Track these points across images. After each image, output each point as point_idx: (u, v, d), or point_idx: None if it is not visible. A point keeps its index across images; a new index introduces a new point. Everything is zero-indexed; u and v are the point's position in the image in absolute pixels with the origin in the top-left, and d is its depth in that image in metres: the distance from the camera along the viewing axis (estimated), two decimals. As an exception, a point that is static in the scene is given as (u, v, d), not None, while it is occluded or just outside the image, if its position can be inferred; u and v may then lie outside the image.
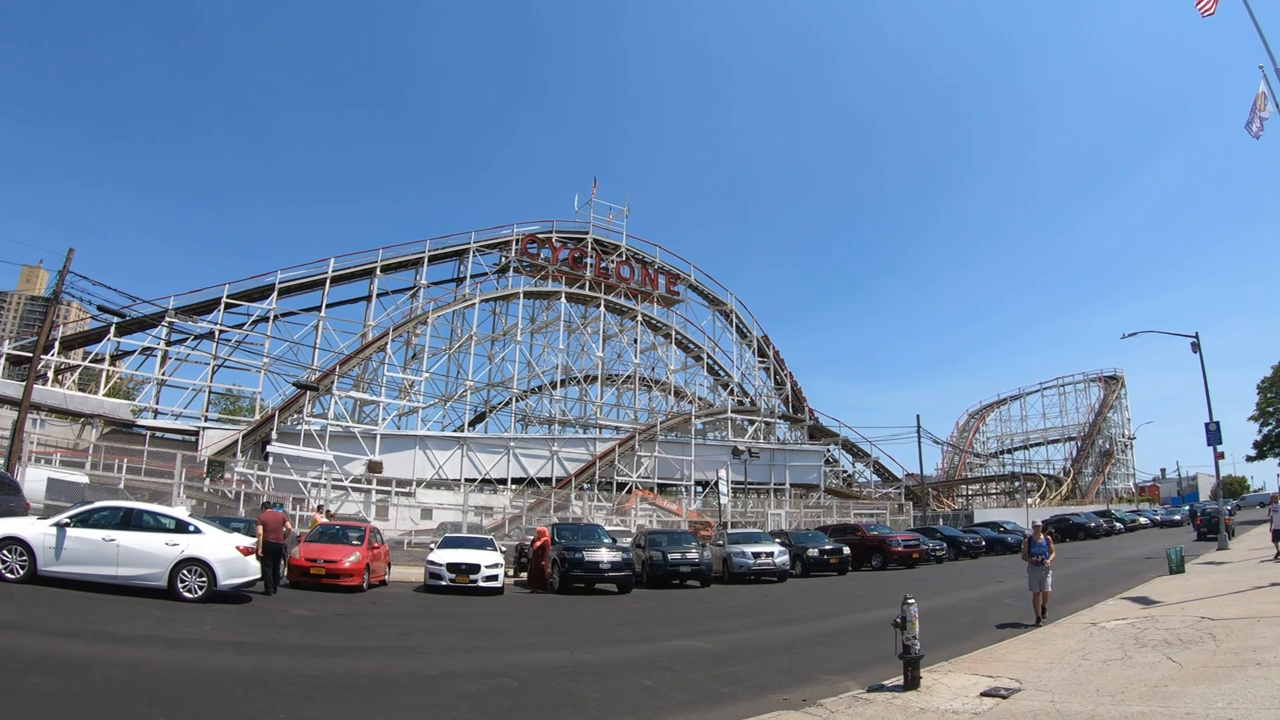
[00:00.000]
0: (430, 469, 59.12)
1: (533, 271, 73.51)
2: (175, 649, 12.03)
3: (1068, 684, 10.40)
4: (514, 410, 72.55)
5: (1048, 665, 11.79)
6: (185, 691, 9.33)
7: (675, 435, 68.43)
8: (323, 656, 12.99)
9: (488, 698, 10.02)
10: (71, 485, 28.40)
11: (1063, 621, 16.60)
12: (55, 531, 16.54)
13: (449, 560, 24.69)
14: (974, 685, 10.61)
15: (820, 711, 9.53)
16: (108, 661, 10.45)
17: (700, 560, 29.35)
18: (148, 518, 17.75)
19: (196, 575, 17.02)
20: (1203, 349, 36.34)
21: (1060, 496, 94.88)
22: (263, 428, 53.02)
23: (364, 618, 18.02)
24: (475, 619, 19.35)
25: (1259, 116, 24.99)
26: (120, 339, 54.90)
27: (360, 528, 26.28)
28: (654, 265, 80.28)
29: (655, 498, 62.71)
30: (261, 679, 10.50)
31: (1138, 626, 14.81)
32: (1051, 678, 10.87)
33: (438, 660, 12.92)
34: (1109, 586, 22.72)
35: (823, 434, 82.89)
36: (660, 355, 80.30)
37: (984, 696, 9.96)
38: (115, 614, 14.43)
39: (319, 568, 22.32)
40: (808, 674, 12.09)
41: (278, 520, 21.77)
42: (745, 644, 15.59)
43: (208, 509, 37.13)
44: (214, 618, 15.33)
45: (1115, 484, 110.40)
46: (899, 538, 38.72)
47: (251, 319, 59.97)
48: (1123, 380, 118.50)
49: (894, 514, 65.95)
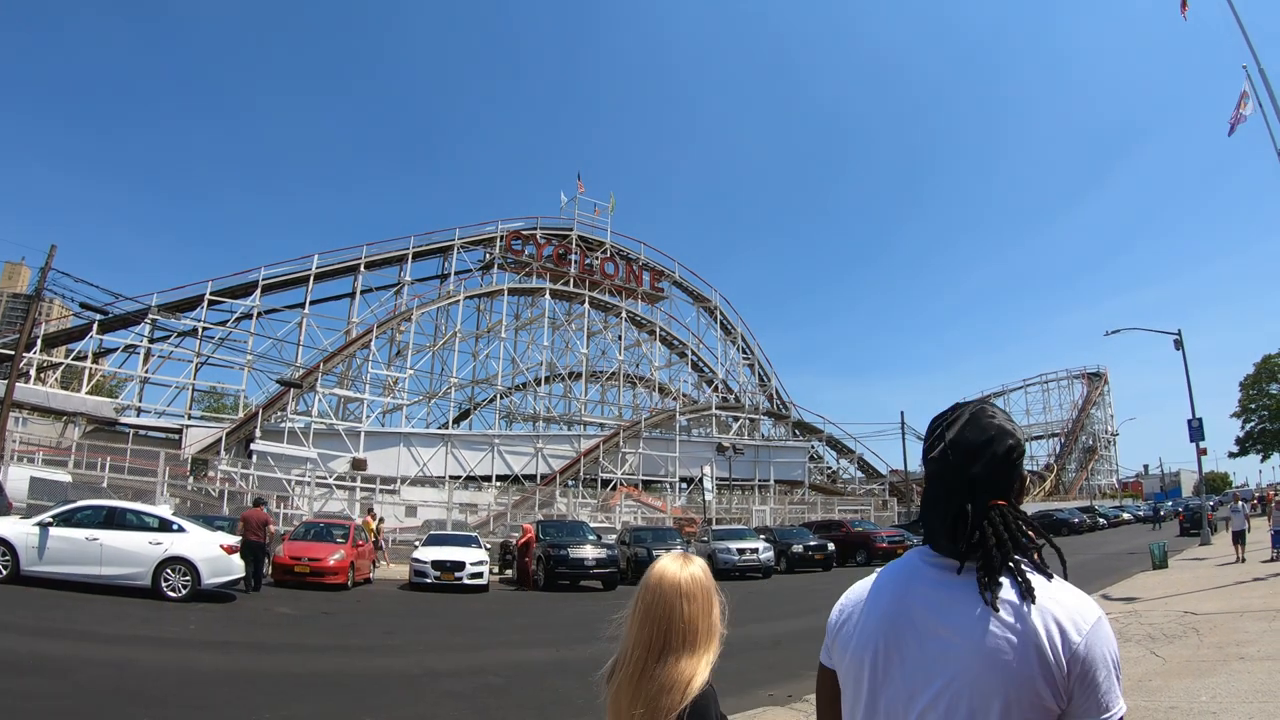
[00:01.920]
0: (415, 466, 58.91)
1: (517, 268, 73.22)
2: (160, 648, 12.01)
3: (1052, 678, 10.44)
4: (499, 407, 72.34)
5: (1031, 660, 11.83)
6: (171, 691, 9.32)
7: (660, 432, 68.39)
8: (308, 655, 12.98)
9: (473, 696, 10.04)
10: (54, 484, 28.21)
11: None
12: (38, 531, 16.48)
13: (434, 558, 24.67)
14: (958, 680, 10.64)
15: (805, 707, 9.57)
16: (93, 661, 10.43)
17: (686, 557, 29.34)
18: (131, 517, 17.70)
19: (180, 574, 16.97)
20: (1185, 346, 36.65)
21: (1044, 493, 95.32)
22: (246, 425, 52.73)
23: (349, 616, 18.01)
24: (461, 617, 19.36)
25: (1241, 115, 25.16)
26: (103, 336, 54.40)
27: (344, 526, 26.25)
28: (638, 262, 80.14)
29: (640, 494, 62.63)
30: (247, 678, 10.49)
31: (1121, 621, 14.91)
32: (1035, 672, 10.90)
33: (423, 658, 12.92)
34: (1093, 582, 22.82)
35: (807, 430, 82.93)
36: (645, 352, 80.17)
37: (968, 691, 9.99)
38: (99, 614, 14.38)
39: (303, 566, 22.27)
40: (793, 670, 12.11)
41: (259, 519, 21.69)
42: (730, 640, 15.37)
43: (191, 508, 36.89)
44: (198, 617, 15.30)
45: (1099, 480, 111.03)
46: (883, 533, 38.87)
47: (235, 316, 59.53)
48: (1106, 377, 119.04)
49: (878, 510, 66.03)
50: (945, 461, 1.96)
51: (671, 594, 2.56)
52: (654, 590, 2.57)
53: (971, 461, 1.93)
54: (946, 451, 1.96)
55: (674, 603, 2.54)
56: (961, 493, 1.91)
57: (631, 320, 77.88)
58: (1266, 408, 79.42)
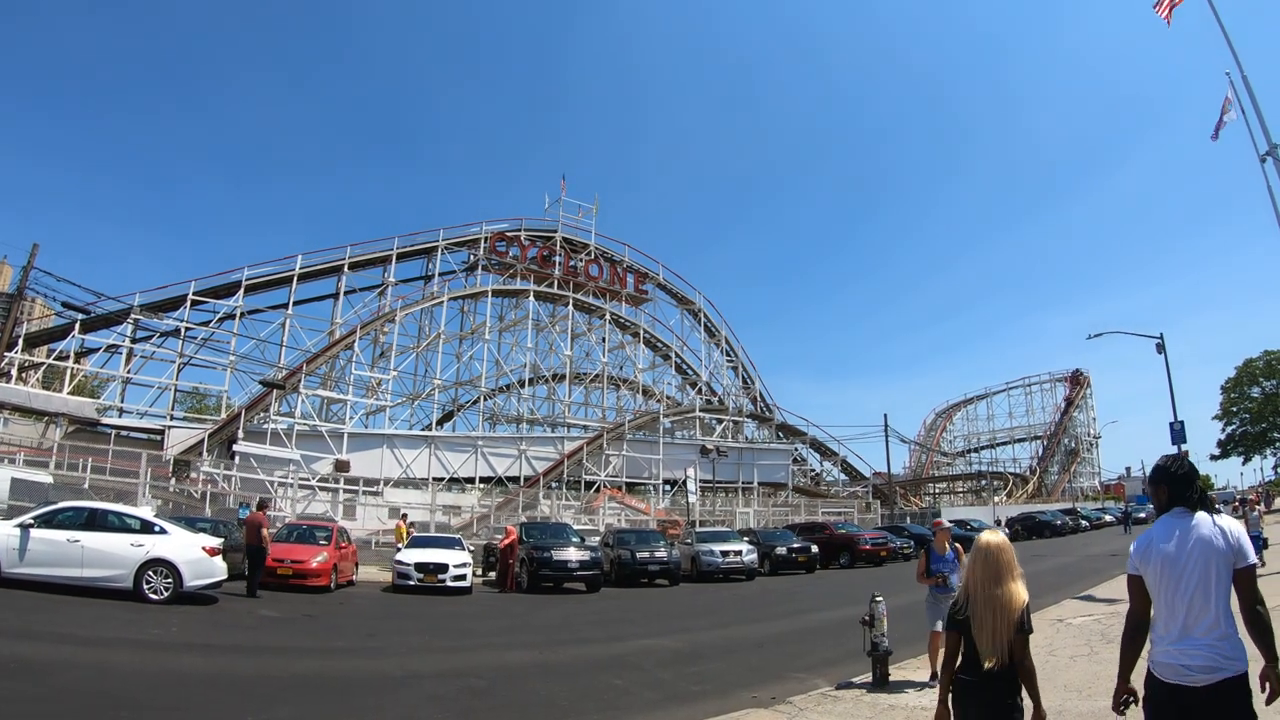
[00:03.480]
0: (398, 468, 58.77)
1: (501, 270, 73.17)
2: (142, 651, 11.96)
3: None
4: (482, 409, 72.22)
5: (1013, 662, 11.88)
6: (152, 694, 9.29)
7: (643, 434, 68.43)
8: (290, 658, 12.94)
9: (456, 698, 10.04)
10: (35, 485, 27.96)
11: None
12: (19, 532, 16.37)
13: (417, 560, 24.59)
14: (941, 682, 10.68)
15: (789, 709, 9.60)
16: (74, 664, 10.38)
17: (669, 559, 29.42)
18: (113, 518, 17.61)
19: (162, 576, 16.87)
20: (1167, 350, 36.95)
21: (1026, 495, 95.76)
22: (229, 426, 52.47)
23: (331, 618, 17.98)
24: (443, 619, 19.33)
25: (1225, 120, 25.35)
26: (85, 336, 54.03)
27: (327, 527, 26.17)
28: (623, 264, 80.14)
29: (624, 496, 62.68)
30: (229, 681, 10.47)
31: (1103, 623, 15.00)
32: (1017, 674, 10.95)
33: (406, 661, 12.91)
34: (1075, 583, 22.99)
35: (791, 433, 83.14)
36: (628, 354, 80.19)
37: (951, 693, 10.03)
38: (81, 616, 14.31)
39: (286, 568, 22.19)
40: (777, 672, 12.16)
41: (255, 522, 21.62)
42: (714, 642, 15.67)
43: (174, 509, 36.66)
44: (180, 619, 15.23)
45: (1081, 482, 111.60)
46: (867, 536, 38.99)
47: (218, 316, 59.20)
48: (1088, 380, 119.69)
49: (861, 512, 66.11)
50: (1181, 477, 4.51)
51: (996, 549, 4.82)
52: (986, 547, 4.85)
53: (1189, 476, 4.54)
54: (1181, 471, 4.55)
55: (998, 553, 4.80)
56: (1189, 486, 4.45)
57: (615, 322, 77.93)
58: (1248, 411, 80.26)
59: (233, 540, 22.62)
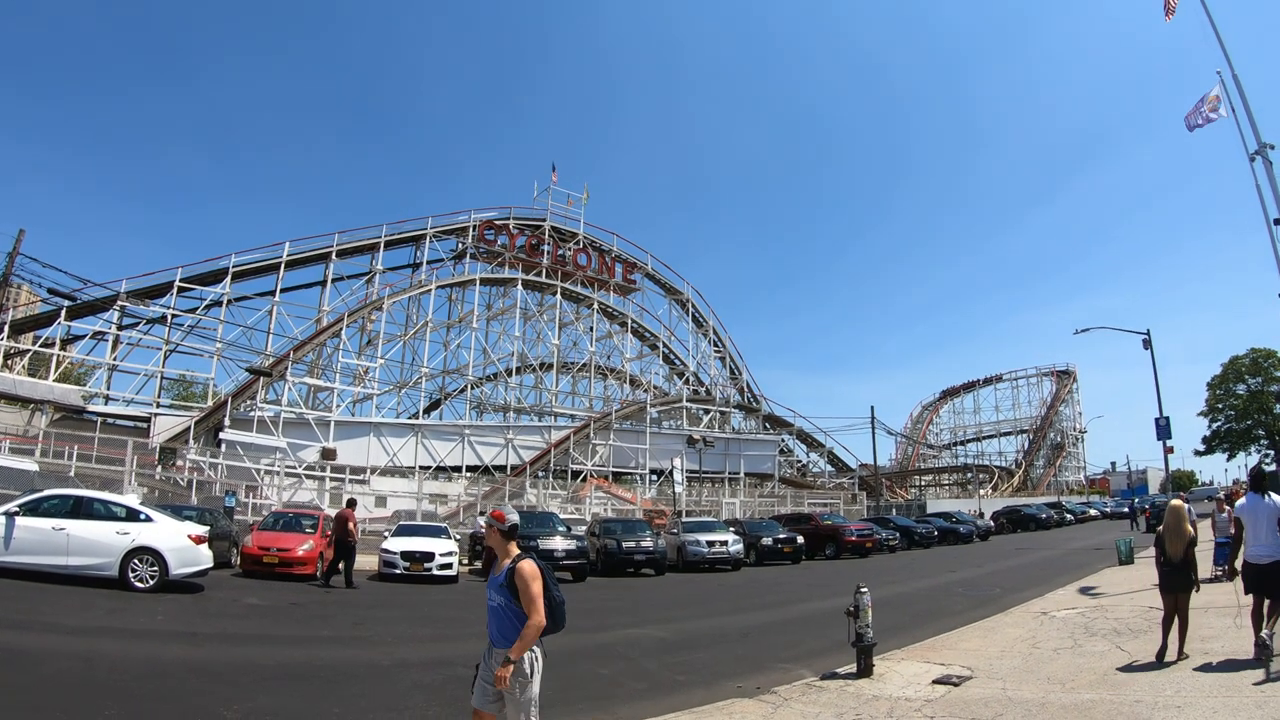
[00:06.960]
0: (385, 456, 58.81)
1: (489, 258, 73.13)
2: (128, 640, 11.94)
3: (1019, 672, 10.58)
4: (469, 398, 72.37)
5: (999, 654, 11.98)
6: (138, 683, 9.27)
7: (630, 424, 68.57)
8: (276, 646, 12.93)
9: (442, 687, 10.05)
10: (20, 473, 27.78)
11: (1014, 611, 16.85)
12: (4, 520, 16.29)
13: (403, 548, 24.55)
14: (926, 673, 10.76)
15: (774, 699, 9.63)
16: (59, 654, 10.36)
17: (655, 549, 29.43)
18: (98, 506, 17.54)
19: (148, 564, 16.83)
20: (1154, 346, 37.10)
21: (1012, 488, 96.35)
22: (216, 414, 52.42)
23: (318, 607, 17.95)
24: (430, 607, 19.33)
25: (1204, 114, 25.32)
26: (71, 323, 53.85)
27: (314, 516, 26.12)
28: (611, 253, 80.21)
29: (610, 486, 62.83)
30: (215, 670, 10.45)
31: (1088, 616, 15.11)
32: (1003, 666, 11.04)
33: (392, 649, 12.91)
34: (1059, 576, 23.10)
35: (777, 424, 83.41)
36: (616, 343, 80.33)
37: (936, 684, 10.10)
38: (66, 605, 14.28)
39: (272, 556, 22.16)
40: (762, 662, 12.21)
41: (344, 518, 22.07)
42: (700, 632, 15.71)
43: (160, 497, 36.61)
44: (166, 608, 15.20)
45: (1066, 476, 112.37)
46: (853, 527, 39.05)
47: (205, 303, 59.06)
48: (1075, 375, 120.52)
49: (848, 504, 66.46)
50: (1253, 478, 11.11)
51: (1177, 507, 11.06)
52: (1175, 507, 11.05)
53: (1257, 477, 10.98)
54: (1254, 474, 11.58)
55: (1179, 509, 11.00)
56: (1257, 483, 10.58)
57: (603, 312, 78.02)
58: (1233, 407, 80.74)
59: (219, 528, 22.57)
